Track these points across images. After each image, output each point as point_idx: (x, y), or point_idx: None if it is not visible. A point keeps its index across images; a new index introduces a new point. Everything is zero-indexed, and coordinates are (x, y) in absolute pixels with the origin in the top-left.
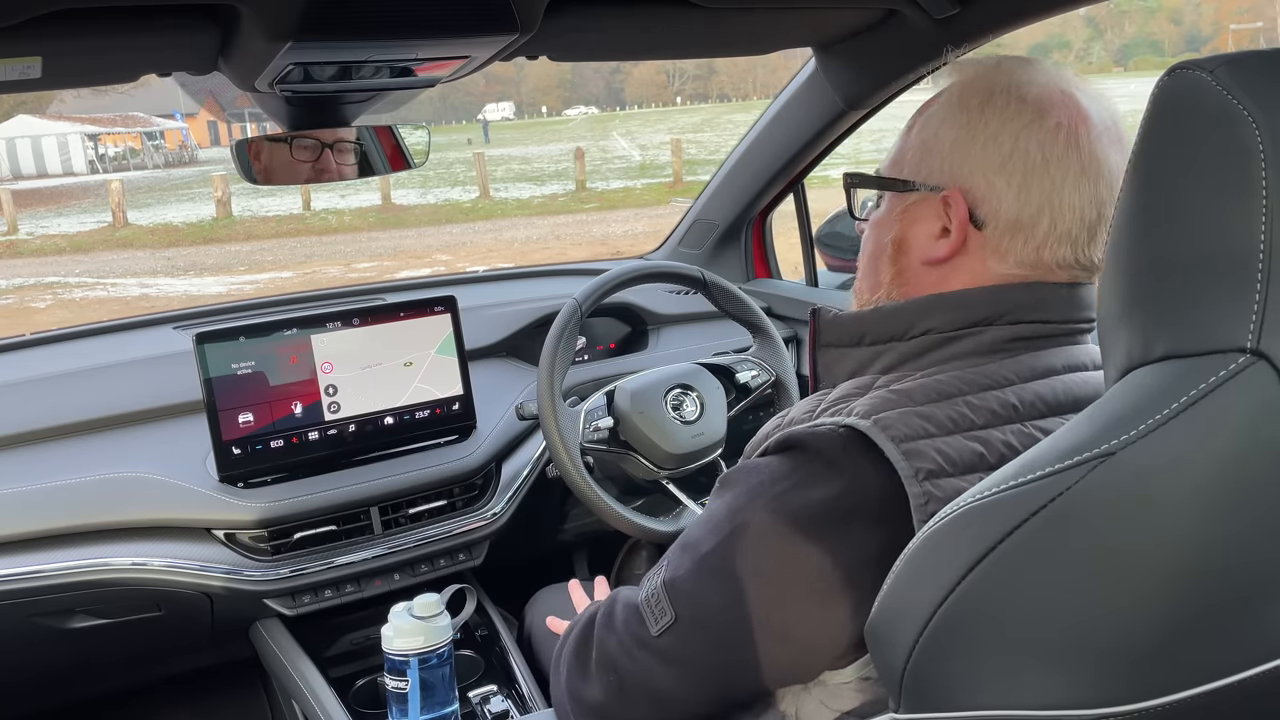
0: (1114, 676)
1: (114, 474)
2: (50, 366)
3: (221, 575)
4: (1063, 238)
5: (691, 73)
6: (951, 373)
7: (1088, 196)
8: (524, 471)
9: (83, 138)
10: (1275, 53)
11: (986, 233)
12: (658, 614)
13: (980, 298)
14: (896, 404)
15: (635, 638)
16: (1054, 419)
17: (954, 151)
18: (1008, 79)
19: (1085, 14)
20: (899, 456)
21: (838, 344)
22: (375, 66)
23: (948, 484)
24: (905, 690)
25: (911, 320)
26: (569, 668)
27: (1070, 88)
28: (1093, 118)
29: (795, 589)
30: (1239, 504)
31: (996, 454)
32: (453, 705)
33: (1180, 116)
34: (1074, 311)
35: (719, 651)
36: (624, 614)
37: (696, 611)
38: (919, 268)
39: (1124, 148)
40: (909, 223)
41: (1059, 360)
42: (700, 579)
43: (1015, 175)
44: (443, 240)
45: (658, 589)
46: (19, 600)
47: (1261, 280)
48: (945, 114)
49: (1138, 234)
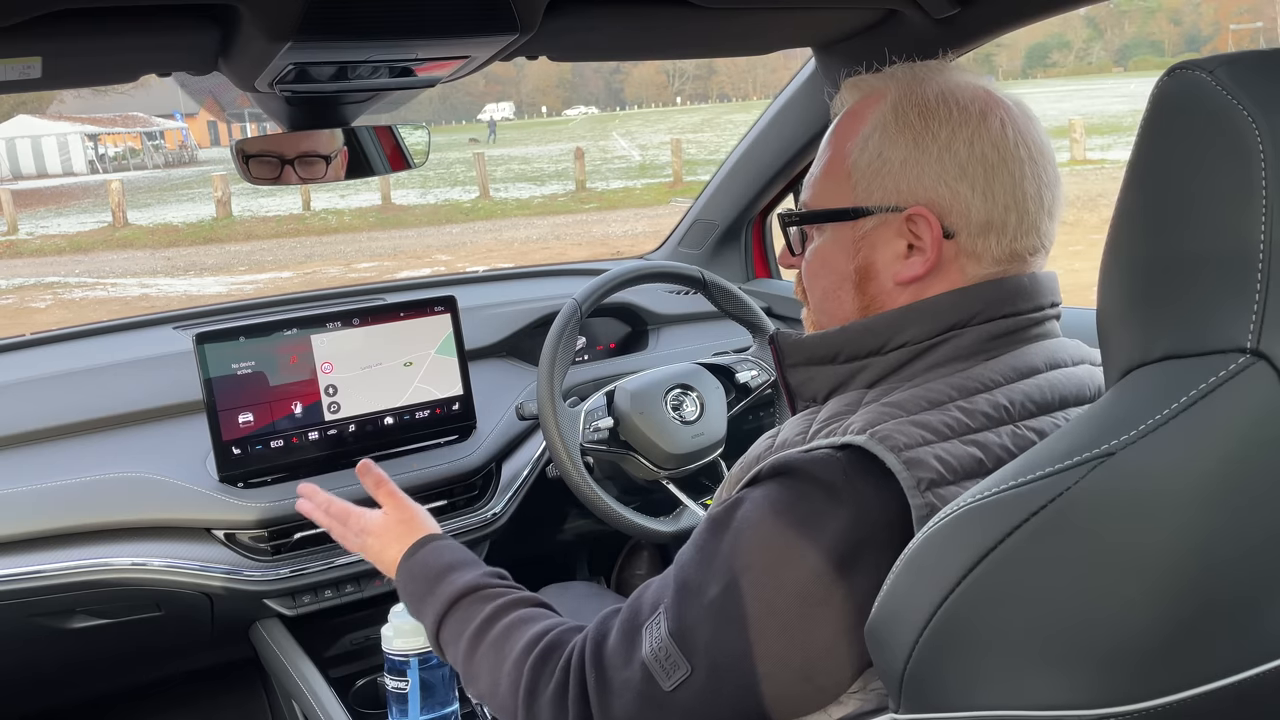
0: (1114, 677)
1: (114, 474)
2: (50, 366)
3: (221, 575)
4: (1030, 227)
5: (691, 73)
6: (938, 381)
7: (1043, 182)
8: (524, 471)
9: (83, 138)
10: (1275, 53)
11: (959, 240)
12: (669, 668)
13: (949, 302)
14: (891, 415)
15: (646, 698)
16: (1044, 418)
17: (906, 169)
18: (936, 88)
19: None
20: (900, 467)
21: (806, 364)
22: (375, 66)
23: (949, 492)
24: (905, 691)
25: (887, 335)
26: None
27: (983, 84)
28: (1012, 107)
29: (815, 624)
30: (1239, 504)
31: (994, 457)
32: (453, 705)
33: (1180, 117)
34: (1038, 298)
35: (742, 698)
36: (622, 674)
37: (715, 660)
38: (892, 289)
39: (1043, 128)
40: (870, 248)
41: (1040, 358)
42: (712, 626)
43: (978, 179)
44: (443, 240)
45: (665, 642)
46: (19, 600)
47: (1261, 280)
48: (884, 135)
49: (1137, 234)
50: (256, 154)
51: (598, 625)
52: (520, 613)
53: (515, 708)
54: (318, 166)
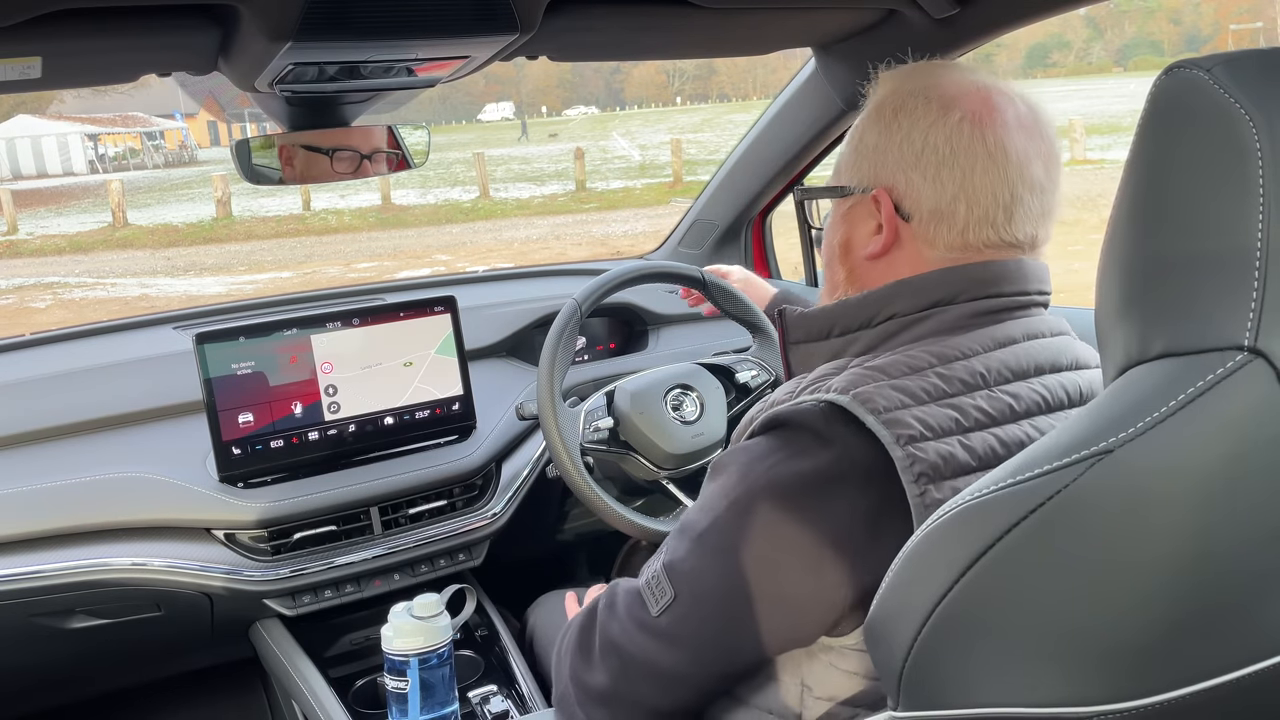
0: (1112, 674)
1: (114, 474)
2: (50, 366)
3: (221, 575)
4: (981, 220)
5: (691, 73)
6: (920, 347)
7: (998, 180)
8: (524, 472)
9: (83, 138)
10: (1273, 52)
11: (914, 224)
12: (658, 595)
13: (937, 279)
14: (872, 378)
15: (636, 620)
16: (1019, 384)
17: (875, 154)
18: (920, 84)
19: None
20: (879, 426)
21: (807, 340)
22: (375, 66)
23: (929, 446)
24: (904, 688)
25: (878, 307)
26: (573, 657)
27: (986, 84)
28: (1003, 111)
29: (789, 556)
30: (1237, 501)
31: (971, 419)
32: (453, 705)
33: (1178, 115)
34: (1025, 284)
35: (718, 624)
36: (625, 599)
37: (695, 588)
38: (864, 263)
39: (1039, 137)
40: (850, 224)
41: (1018, 330)
42: (698, 558)
43: (929, 169)
44: (443, 240)
45: (658, 572)
46: (19, 600)
47: (1259, 278)
48: (868, 122)
49: (1135, 232)
50: (260, 162)
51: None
52: None
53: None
54: (323, 172)
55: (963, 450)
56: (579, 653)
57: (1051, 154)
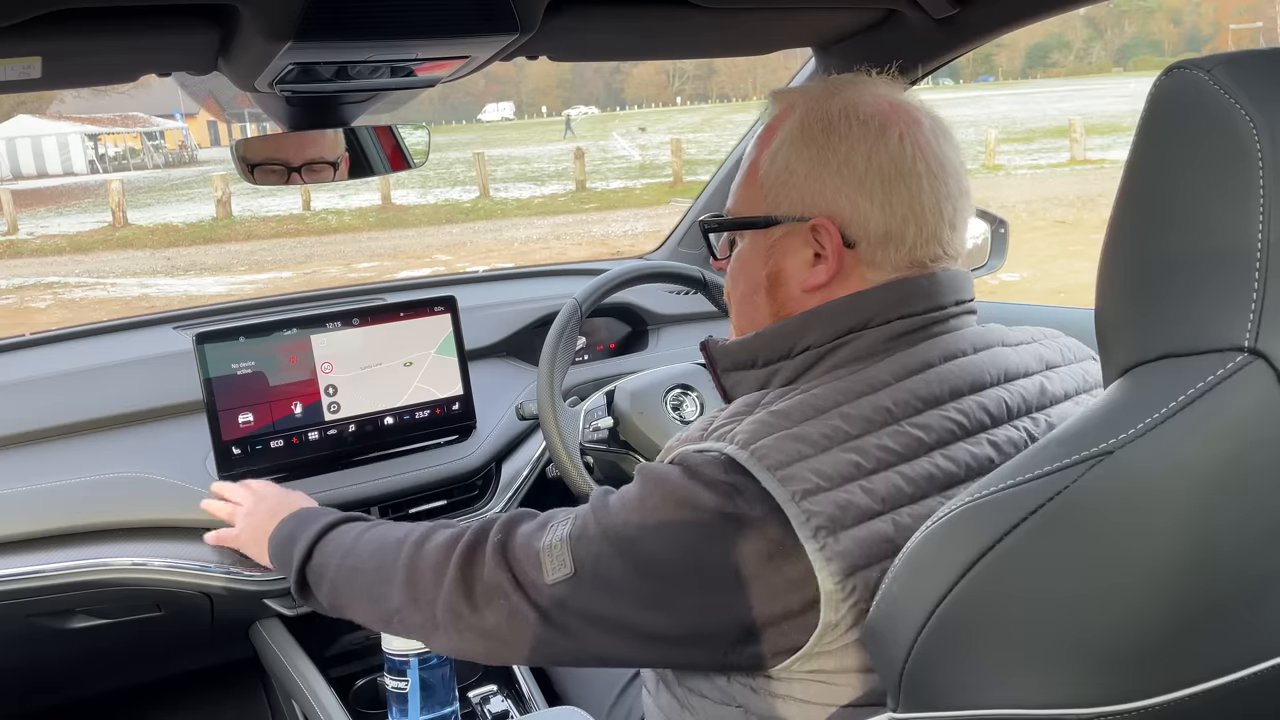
0: (1114, 675)
1: (114, 474)
2: (50, 366)
3: (221, 575)
4: (930, 237)
5: (691, 73)
6: (830, 384)
7: (942, 194)
8: (524, 471)
9: (83, 138)
10: (1273, 52)
11: (860, 249)
12: (556, 564)
13: (846, 306)
14: (774, 427)
15: (529, 580)
16: (931, 413)
17: (810, 181)
18: (841, 103)
19: (1085, 14)
20: (775, 483)
21: (735, 369)
22: (375, 66)
23: (825, 498)
24: (904, 690)
25: (794, 339)
26: (453, 584)
27: (896, 97)
28: (923, 121)
29: (687, 579)
30: (1237, 502)
31: (873, 460)
32: (453, 705)
33: (1177, 116)
34: (937, 298)
35: (607, 612)
36: (521, 553)
37: (596, 571)
38: (800, 295)
39: (953, 144)
40: (780, 255)
41: (934, 353)
42: (604, 545)
43: (876, 191)
44: (443, 240)
45: (562, 540)
46: (19, 600)
47: (1259, 279)
48: (792, 148)
49: (1135, 233)
50: (260, 162)
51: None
52: (414, 523)
53: (440, 585)
54: (324, 173)
55: (863, 494)
56: (460, 583)
57: (962, 161)
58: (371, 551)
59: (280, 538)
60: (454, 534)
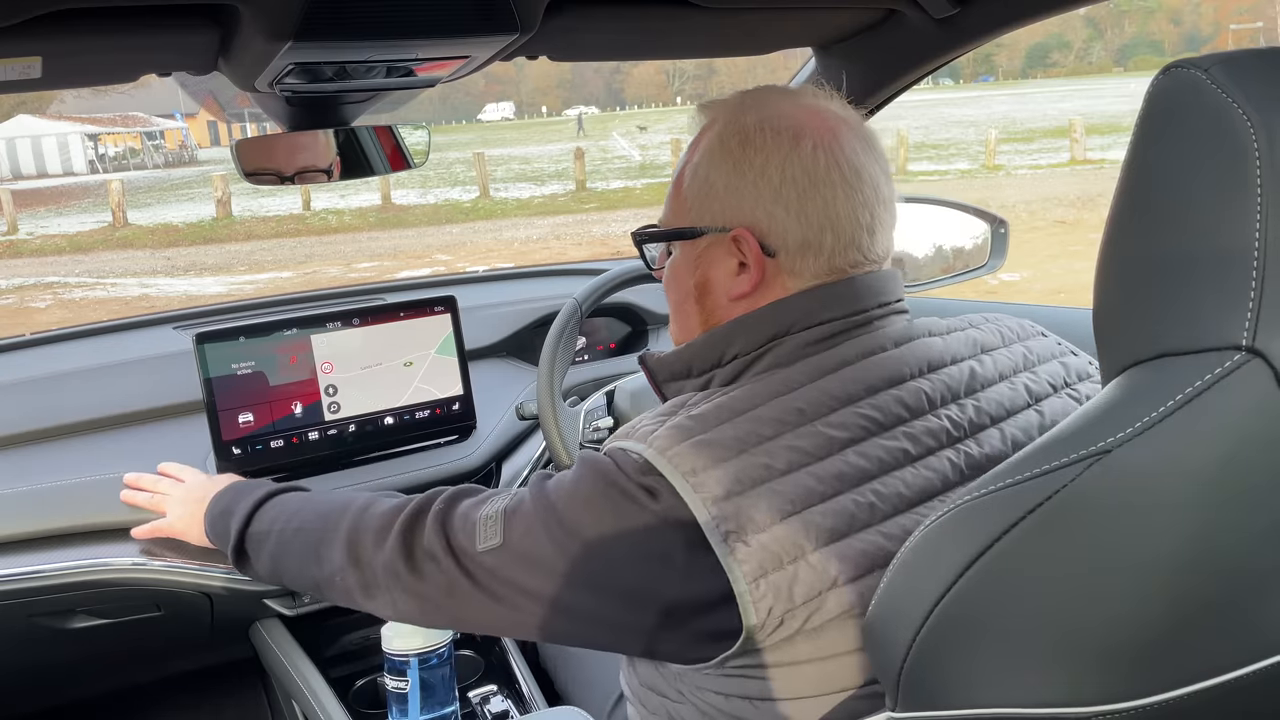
0: (1112, 674)
1: (114, 474)
2: (50, 366)
3: (221, 575)
4: (849, 245)
5: (691, 73)
6: (747, 387)
7: (858, 203)
8: (524, 472)
9: (83, 138)
10: (1271, 52)
11: (780, 259)
12: (489, 534)
13: (768, 314)
14: (690, 432)
15: (460, 547)
16: (845, 411)
17: (729, 193)
18: (757, 116)
19: (1085, 14)
20: (687, 488)
21: (673, 379)
22: (375, 67)
23: (734, 503)
24: (903, 689)
25: (722, 348)
26: (394, 546)
27: (818, 105)
28: (841, 131)
29: (608, 558)
30: (1235, 501)
31: (784, 460)
32: (453, 705)
33: (1175, 115)
34: (859, 302)
35: (532, 586)
36: (459, 522)
37: (523, 544)
38: (727, 304)
39: (875, 152)
40: (707, 265)
41: (852, 352)
42: (534, 520)
43: (791, 202)
44: (443, 240)
45: (498, 513)
46: (19, 600)
47: (1256, 278)
48: (711, 160)
49: (1132, 232)
50: (254, 171)
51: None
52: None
53: (382, 553)
54: (320, 175)
55: (774, 497)
56: (402, 545)
57: (886, 167)
58: (316, 515)
59: (217, 510)
60: (399, 502)
